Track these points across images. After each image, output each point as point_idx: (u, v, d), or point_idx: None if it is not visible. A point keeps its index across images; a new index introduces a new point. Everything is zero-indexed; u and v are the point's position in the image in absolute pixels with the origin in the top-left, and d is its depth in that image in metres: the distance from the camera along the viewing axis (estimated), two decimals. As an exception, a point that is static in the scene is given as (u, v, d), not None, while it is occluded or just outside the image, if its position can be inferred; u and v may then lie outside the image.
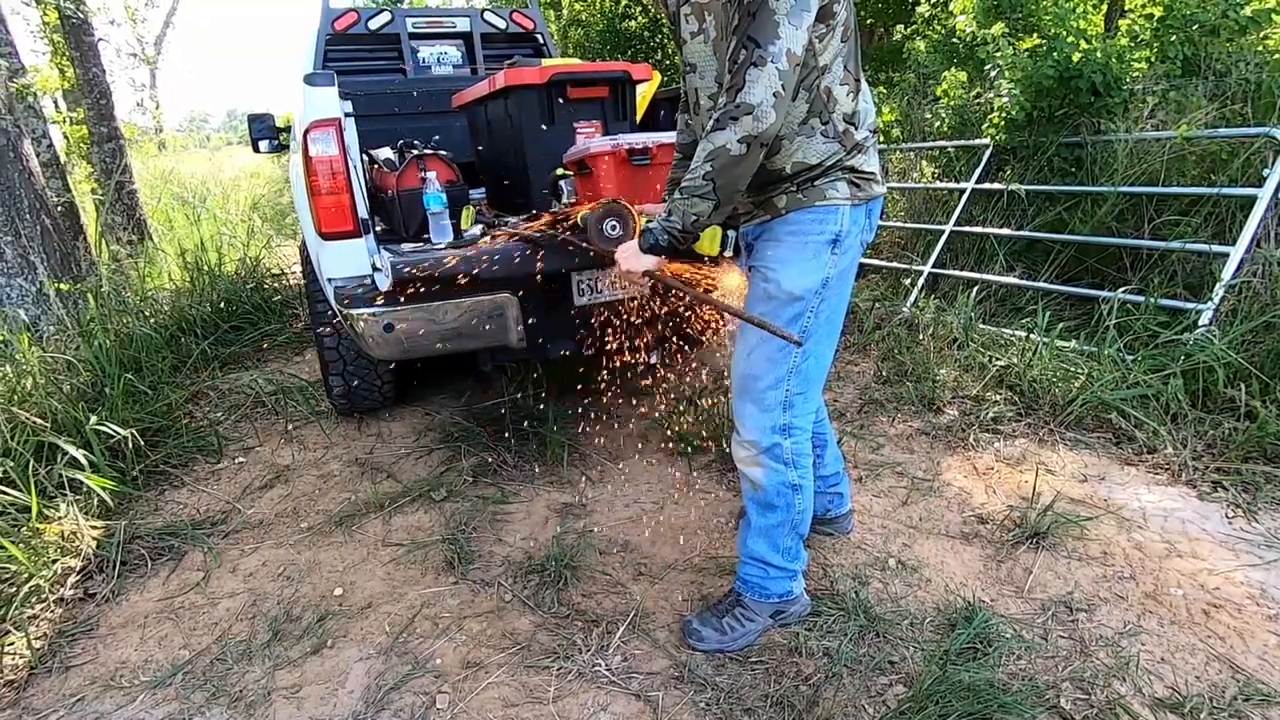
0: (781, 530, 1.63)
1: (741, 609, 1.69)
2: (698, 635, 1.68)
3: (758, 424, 1.55)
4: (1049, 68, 3.47)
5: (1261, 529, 1.97)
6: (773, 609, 1.69)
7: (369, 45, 3.78)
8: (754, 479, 1.60)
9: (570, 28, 9.71)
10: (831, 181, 1.42)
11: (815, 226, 1.44)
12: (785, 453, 1.55)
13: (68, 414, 2.50)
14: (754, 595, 1.68)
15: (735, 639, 1.66)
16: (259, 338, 4.02)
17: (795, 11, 1.23)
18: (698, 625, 1.69)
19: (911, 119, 4.86)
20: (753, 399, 1.55)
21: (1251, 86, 3.39)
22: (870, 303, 3.92)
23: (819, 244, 1.44)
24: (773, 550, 1.65)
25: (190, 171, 10.62)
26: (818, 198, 1.43)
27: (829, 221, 1.43)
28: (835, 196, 1.42)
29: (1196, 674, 1.52)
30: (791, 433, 1.56)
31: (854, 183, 1.43)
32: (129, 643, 1.79)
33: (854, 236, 1.47)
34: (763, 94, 1.25)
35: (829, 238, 1.44)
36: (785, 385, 1.52)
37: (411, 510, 2.32)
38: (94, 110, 5.90)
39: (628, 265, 1.52)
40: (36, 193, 3.69)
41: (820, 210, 1.43)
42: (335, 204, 2.09)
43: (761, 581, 1.67)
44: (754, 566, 1.67)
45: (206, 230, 5.61)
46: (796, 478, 1.58)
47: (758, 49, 1.24)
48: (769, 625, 1.70)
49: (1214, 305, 2.76)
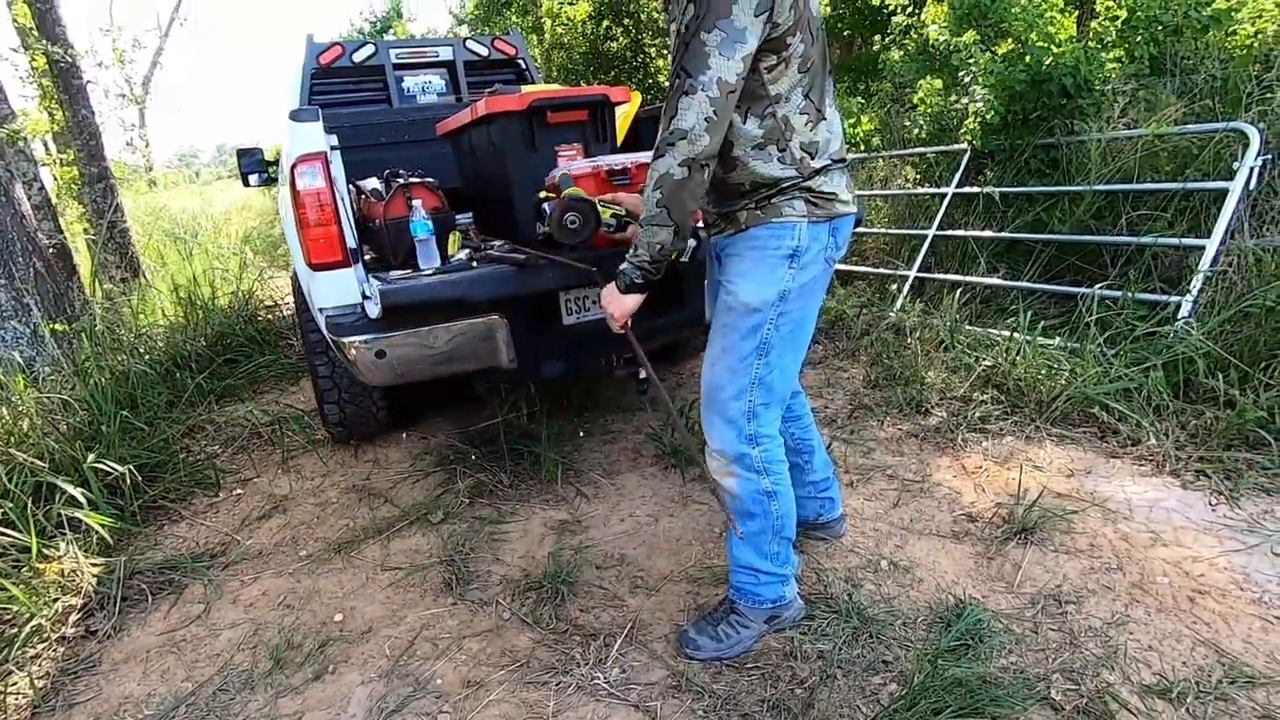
0: (764, 537, 1.66)
1: (736, 616, 1.71)
2: (694, 644, 1.70)
3: (724, 434, 1.60)
4: (1021, 72, 3.55)
5: (1244, 514, 2.01)
6: (767, 614, 1.72)
7: (354, 77, 3.84)
8: (729, 489, 1.64)
9: (553, 51, 9.83)
10: (789, 199, 1.48)
11: (772, 241, 1.50)
12: (755, 461, 1.60)
13: (65, 453, 2.53)
14: (748, 602, 1.71)
15: (731, 646, 1.68)
16: (254, 370, 4.05)
17: (727, 44, 1.31)
18: (694, 635, 1.72)
19: (890, 127, 4.94)
20: (717, 410, 1.61)
21: (1218, 82, 3.47)
22: (857, 309, 3.97)
23: (776, 258, 1.50)
24: (759, 556, 1.67)
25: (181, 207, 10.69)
26: (774, 214, 1.49)
27: (786, 237, 1.49)
28: (791, 214, 1.48)
29: (1183, 660, 1.55)
30: (759, 441, 1.60)
31: (812, 201, 1.49)
32: (132, 677, 1.80)
33: (814, 253, 1.51)
34: (694, 119, 1.34)
35: (786, 252, 1.50)
36: (748, 396, 1.57)
37: (409, 534, 2.34)
38: (84, 151, 5.96)
39: (610, 309, 1.61)
40: (29, 235, 3.73)
41: (777, 226, 1.49)
42: (324, 235, 2.13)
43: (754, 588, 1.69)
44: (745, 574, 1.70)
45: (199, 265, 5.65)
46: (770, 484, 1.62)
47: (689, 78, 1.33)
48: (764, 631, 1.72)
49: (1193, 297, 2.81)
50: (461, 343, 2.14)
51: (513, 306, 2.19)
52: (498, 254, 2.24)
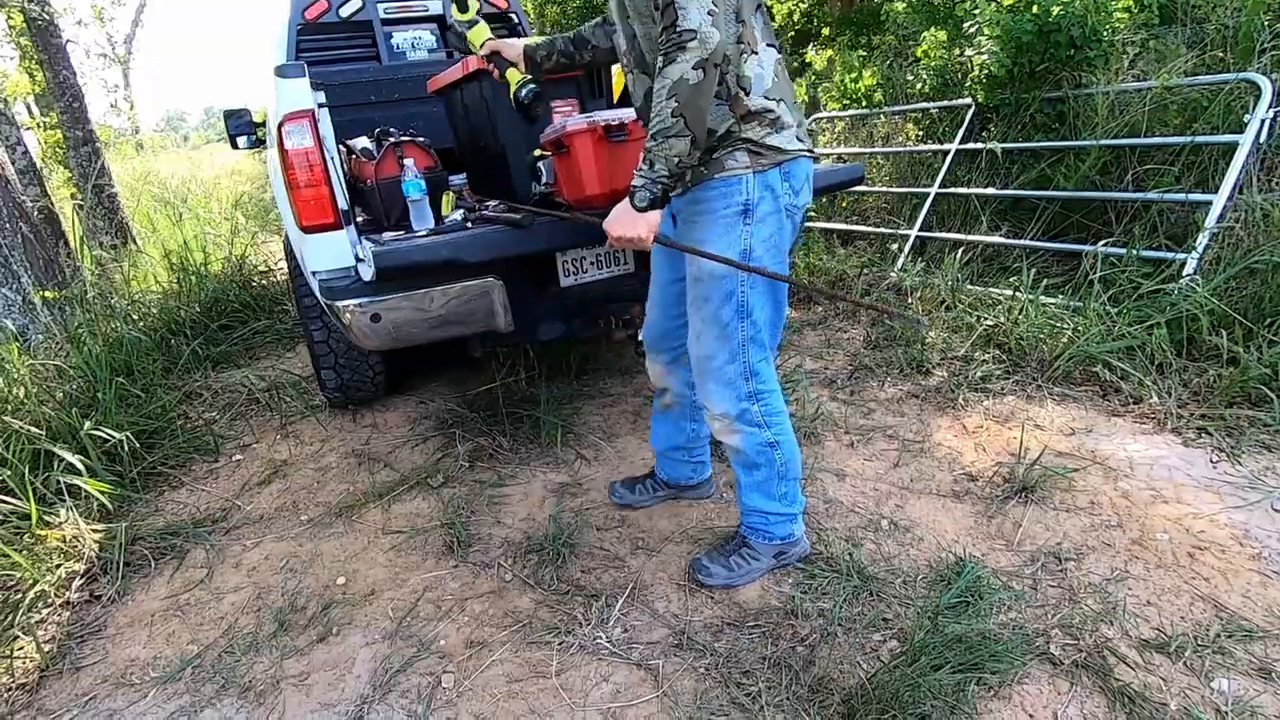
0: (771, 482, 1.71)
1: (747, 549, 1.79)
2: (707, 571, 1.78)
3: (723, 397, 1.61)
4: (1028, 22, 3.45)
5: (1245, 471, 2.01)
6: (775, 550, 1.79)
7: (341, 33, 3.72)
8: (733, 445, 1.67)
9: (546, 5, 9.56)
10: (730, 152, 1.45)
11: (720, 201, 1.47)
12: (755, 415, 1.62)
13: (62, 421, 2.51)
14: (758, 538, 1.78)
15: (741, 575, 1.77)
16: (249, 335, 4.02)
17: None
18: (707, 562, 1.80)
19: (893, 82, 4.83)
20: (712, 377, 1.61)
21: (1230, 32, 3.37)
22: (858, 269, 3.93)
23: (729, 217, 1.47)
24: (768, 499, 1.73)
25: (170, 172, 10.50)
26: (717, 170, 1.46)
27: (734, 193, 1.46)
28: (734, 166, 1.45)
29: (1182, 615, 1.56)
30: (760, 397, 1.62)
31: (755, 151, 1.45)
32: (137, 641, 1.82)
33: (768, 204, 1.48)
34: (699, 16, 1.28)
35: (737, 209, 1.47)
36: (742, 358, 1.58)
37: (410, 498, 2.34)
38: (67, 114, 5.82)
39: (623, 232, 1.47)
40: (15, 201, 3.65)
41: (720, 183, 1.46)
42: (314, 197, 2.08)
43: (765, 527, 1.76)
44: (755, 517, 1.77)
45: (190, 230, 5.57)
46: (772, 435, 1.65)
47: None
48: (772, 565, 1.80)
49: (1198, 254, 2.77)
50: (458, 305, 2.11)
51: (509, 268, 2.15)
52: (493, 214, 2.19)
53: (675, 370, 1.90)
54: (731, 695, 1.47)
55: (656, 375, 1.97)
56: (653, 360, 1.95)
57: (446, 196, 2.38)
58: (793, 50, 6.24)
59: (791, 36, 6.43)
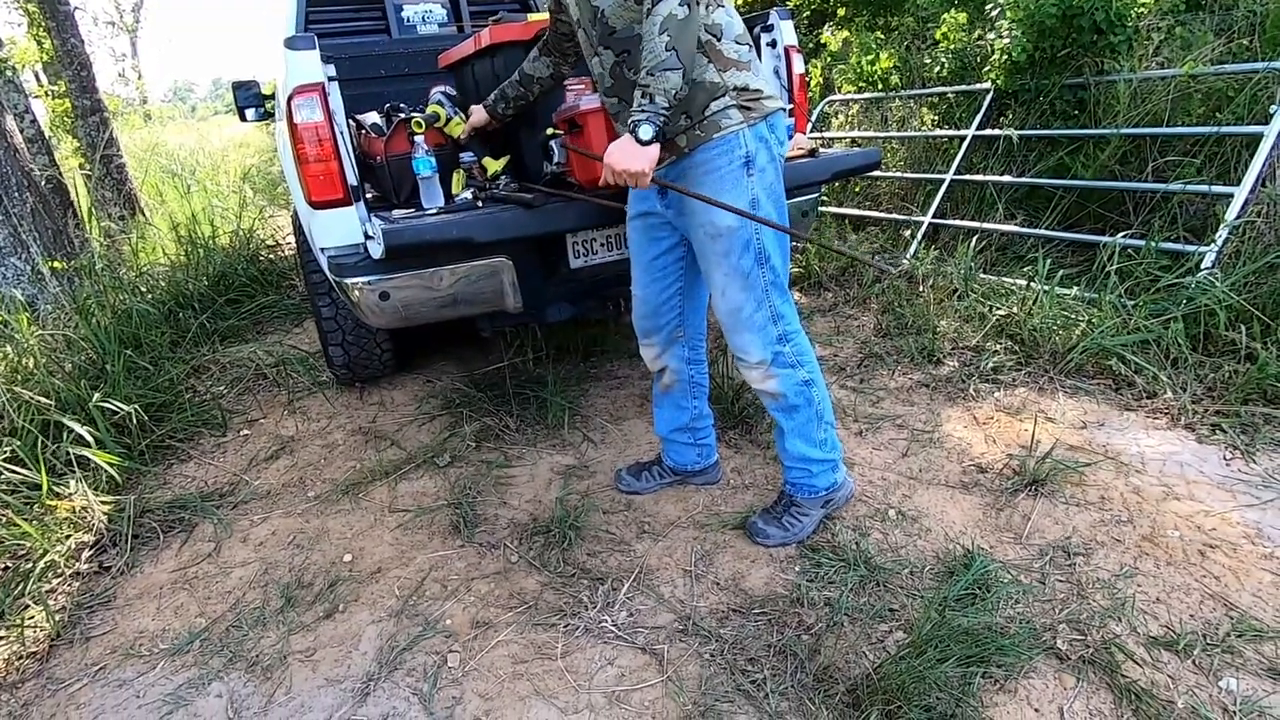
0: (811, 425, 1.76)
1: (796, 507, 1.87)
2: (764, 534, 1.86)
3: (757, 344, 1.68)
4: (1051, 6, 3.36)
5: (1259, 470, 1.99)
6: (822, 500, 1.87)
7: (351, 5, 3.66)
8: (771, 391, 1.73)
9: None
10: (723, 110, 1.53)
11: (724, 158, 1.54)
12: (789, 356, 1.69)
13: (71, 392, 2.52)
14: (803, 494, 1.84)
15: (797, 533, 1.85)
16: (257, 310, 4.02)
17: None
18: (762, 525, 1.87)
19: (910, 65, 4.74)
20: (745, 327, 1.67)
21: (1258, 19, 3.29)
22: (870, 255, 3.89)
23: (734, 172, 1.55)
24: (810, 444, 1.78)
25: (178, 143, 10.46)
26: (713, 130, 1.53)
27: (734, 148, 1.54)
28: (729, 124, 1.53)
29: (1191, 612, 1.55)
30: (789, 338, 1.69)
31: (743, 106, 1.53)
32: (146, 612, 1.83)
33: (765, 154, 1.56)
34: None
35: (740, 163, 1.55)
36: (767, 304, 1.65)
37: (416, 476, 2.34)
38: (75, 82, 5.79)
39: (624, 166, 1.46)
40: (23, 169, 3.64)
41: (720, 141, 1.54)
42: (324, 172, 2.06)
43: (808, 480, 1.82)
44: (798, 470, 1.82)
45: (198, 203, 5.55)
46: (805, 374, 1.72)
47: None
48: (822, 515, 1.89)
49: (1217, 247, 2.73)
50: (467, 285, 2.10)
51: (519, 248, 2.13)
52: (504, 193, 2.16)
53: (670, 348, 1.96)
54: (736, 682, 1.48)
55: (652, 358, 2.00)
56: (646, 344, 1.98)
57: (457, 174, 2.35)
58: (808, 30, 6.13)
59: (807, 16, 6.31)
